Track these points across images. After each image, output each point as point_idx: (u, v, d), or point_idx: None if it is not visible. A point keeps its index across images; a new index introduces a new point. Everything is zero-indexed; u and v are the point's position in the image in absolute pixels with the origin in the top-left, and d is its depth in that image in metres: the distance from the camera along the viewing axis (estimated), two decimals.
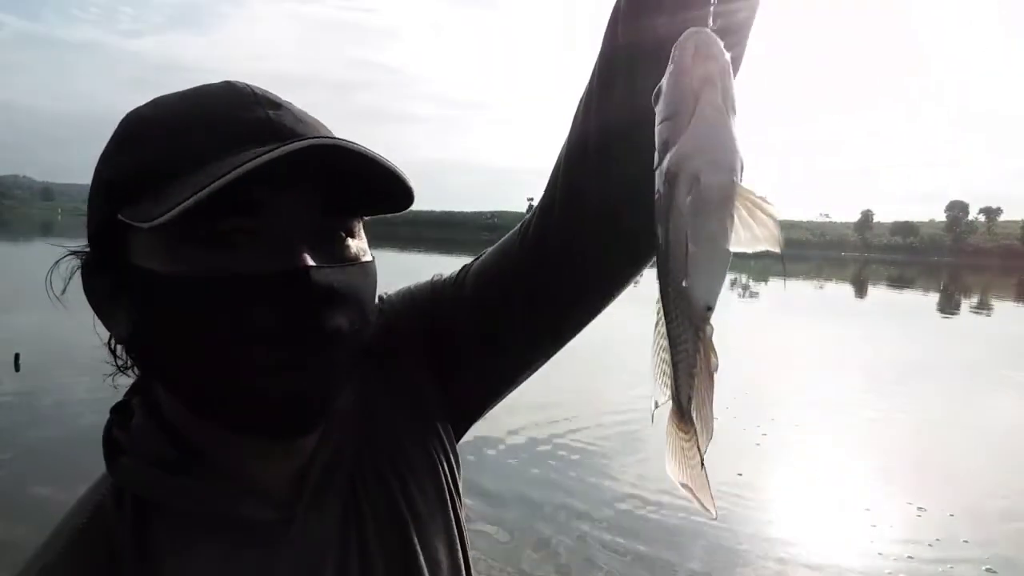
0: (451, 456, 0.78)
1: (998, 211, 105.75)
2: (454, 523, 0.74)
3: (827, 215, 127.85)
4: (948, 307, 23.16)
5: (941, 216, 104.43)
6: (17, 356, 7.47)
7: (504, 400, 0.80)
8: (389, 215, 0.64)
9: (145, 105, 0.61)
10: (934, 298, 27.57)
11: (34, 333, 9.51)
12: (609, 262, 0.70)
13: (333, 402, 0.62)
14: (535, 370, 0.79)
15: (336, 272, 0.58)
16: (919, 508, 4.59)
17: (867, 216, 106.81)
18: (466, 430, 0.82)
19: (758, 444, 5.97)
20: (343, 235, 0.61)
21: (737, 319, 16.77)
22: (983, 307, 23.57)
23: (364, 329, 0.62)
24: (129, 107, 0.63)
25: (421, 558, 0.68)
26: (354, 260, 0.61)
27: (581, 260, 0.69)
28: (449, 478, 0.76)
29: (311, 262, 0.55)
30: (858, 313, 20.60)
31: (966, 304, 24.37)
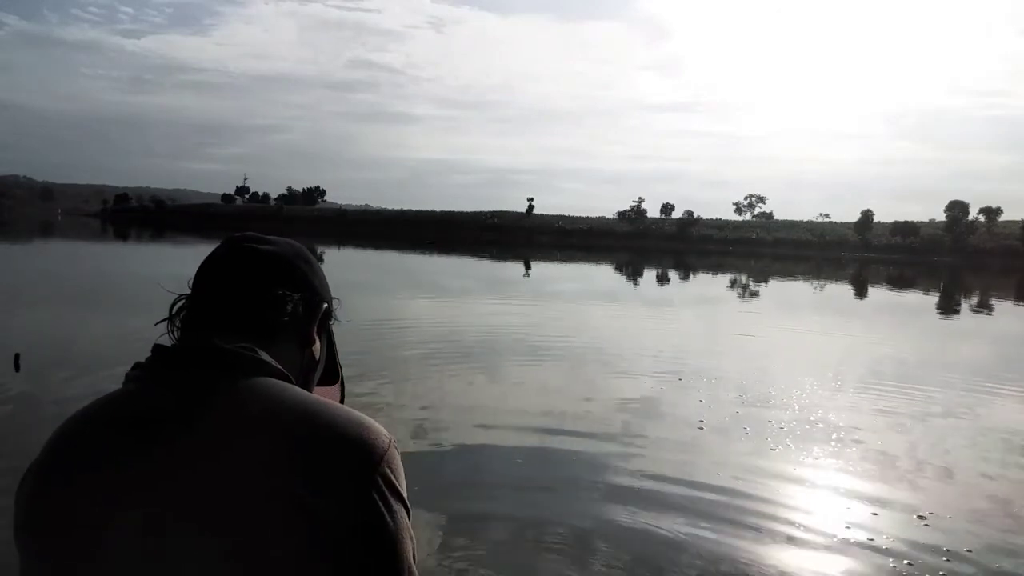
0: None
1: (998, 211, 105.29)
2: None
3: (827, 215, 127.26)
4: (948, 307, 23.15)
5: (941, 216, 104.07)
6: (17, 356, 7.47)
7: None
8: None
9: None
10: (934, 298, 27.56)
11: (34, 333, 9.51)
12: None
13: None
14: None
15: None
16: (920, 516, 4.56)
17: (867, 216, 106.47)
18: None
19: (758, 448, 5.97)
20: None
21: (737, 319, 16.77)
22: (984, 307, 23.56)
23: None
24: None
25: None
26: None
27: None
28: None
29: None
30: (858, 313, 20.59)
31: (966, 304, 24.36)
